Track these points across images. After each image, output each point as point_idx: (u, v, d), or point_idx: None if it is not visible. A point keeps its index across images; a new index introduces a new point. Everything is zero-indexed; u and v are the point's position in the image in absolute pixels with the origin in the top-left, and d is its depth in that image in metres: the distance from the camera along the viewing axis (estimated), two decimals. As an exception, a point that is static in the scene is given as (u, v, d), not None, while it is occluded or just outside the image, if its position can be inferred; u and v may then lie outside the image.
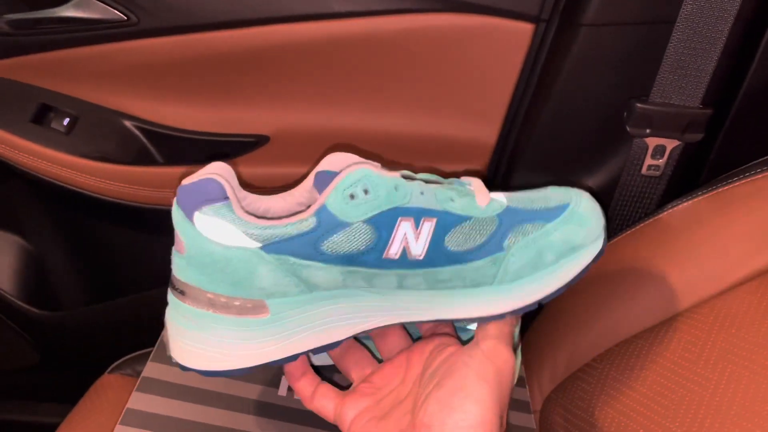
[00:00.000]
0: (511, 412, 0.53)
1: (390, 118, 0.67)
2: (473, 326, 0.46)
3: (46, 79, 0.65)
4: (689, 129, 0.58)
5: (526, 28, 0.60)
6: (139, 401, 0.44)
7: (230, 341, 0.36)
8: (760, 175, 0.51)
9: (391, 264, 0.35)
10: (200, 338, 0.36)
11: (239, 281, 0.34)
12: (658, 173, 0.61)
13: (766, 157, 0.52)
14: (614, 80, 0.59)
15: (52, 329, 0.81)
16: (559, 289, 0.38)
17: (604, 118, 0.61)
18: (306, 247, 0.34)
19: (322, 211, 0.34)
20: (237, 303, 0.35)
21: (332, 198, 0.34)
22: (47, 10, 0.60)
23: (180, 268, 0.35)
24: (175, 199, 0.35)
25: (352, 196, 0.34)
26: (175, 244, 0.35)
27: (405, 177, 0.36)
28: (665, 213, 0.55)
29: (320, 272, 0.35)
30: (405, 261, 0.35)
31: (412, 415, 0.34)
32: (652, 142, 0.59)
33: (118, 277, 0.83)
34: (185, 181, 0.35)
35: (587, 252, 0.38)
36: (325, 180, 0.38)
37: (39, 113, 0.64)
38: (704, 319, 0.47)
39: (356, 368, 0.42)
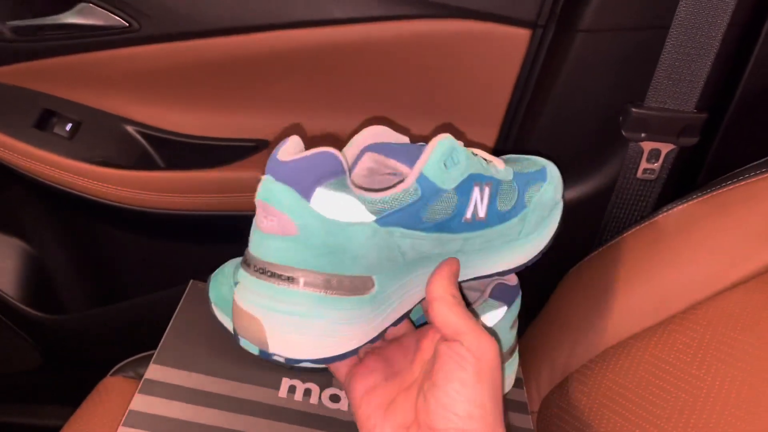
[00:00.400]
0: (510, 413, 0.54)
1: (390, 123, 0.68)
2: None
3: (49, 85, 0.66)
4: (684, 133, 0.59)
5: (523, 34, 0.61)
6: (142, 403, 0.44)
7: (342, 323, 0.34)
8: (754, 179, 0.52)
9: (465, 227, 0.37)
10: (311, 324, 0.33)
11: (354, 258, 0.33)
12: (653, 177, 0.61)
13: (760, 161, 0.53)
14: (610, 85, 0.60)
15: (54, 332, 0.82)
16: (550, 240, 0.44)
17: (600, 123, 0.62)
18: (411, 217, 0.34)
19: (422, 180, 0.34)
20: (348, 282, 0.33)
21: (430, 166, 0.34)
22: (50, 16, 0.61)
23: (288, 252, 0.32)
24: (269, 179, 0.32)
25: (445, 165, 0.34)
26: (274, 227, 0.32)
27: None
28: (660, 216, 0.56)
29: (417, 242, 0.35)
30: (475, 223, 0.38)
31: (416, 411, 0.35)
32: (648, 146, 0.60)
33: (119, 280, 0.84)
34: (285, 158, 0.32)
35: (561, 205, 0.45)
36: (390, 151, 0.37)
37: (42, 118, 0.65)
38: (699, 320, 0.48)
39: None
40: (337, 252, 0.33)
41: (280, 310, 0.33)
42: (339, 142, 0.69)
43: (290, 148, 0.33)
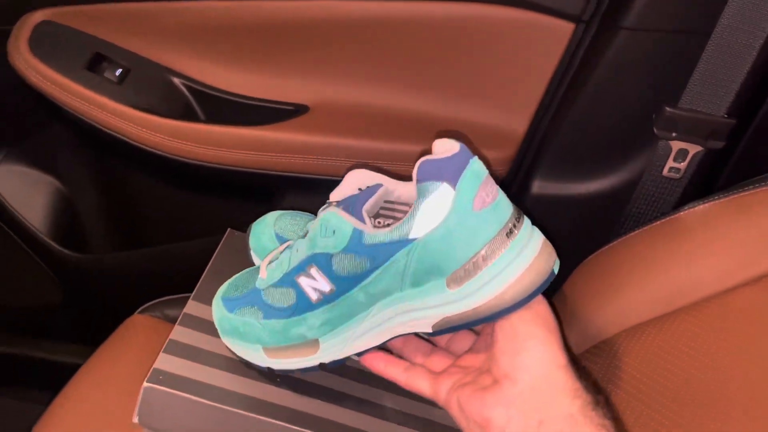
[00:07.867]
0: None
1: (427, 100, 0.70)
2: None
3: (103, 30, 0.68)
4: (712, 136, 0.61)
5: (566, 27, 0.63)
6: (181, 334, 0.47)
7: None
8: (776, 185, 0.54)
9: None
10: None
11: None
12: (678, 176, 0.63)
13: None
14: (646, 83, 0.62)
15: (77, 270, 0.84)
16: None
17: (631, 119, 0.64)
18: None
19: None
20: None
21: None
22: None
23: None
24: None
25: None
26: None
27: None
28: (681, 213, 0.58)
29: None
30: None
31: (491, 374, 0.37)
32: (676, 145, 0.62)
33: (149, 227, 0.86)
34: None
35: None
36: None
37: (93, 61, 0.67)
38: (710, 313, 0.50)
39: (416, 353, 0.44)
40: None
41: None
42: (375, 113, 0.71)
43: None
